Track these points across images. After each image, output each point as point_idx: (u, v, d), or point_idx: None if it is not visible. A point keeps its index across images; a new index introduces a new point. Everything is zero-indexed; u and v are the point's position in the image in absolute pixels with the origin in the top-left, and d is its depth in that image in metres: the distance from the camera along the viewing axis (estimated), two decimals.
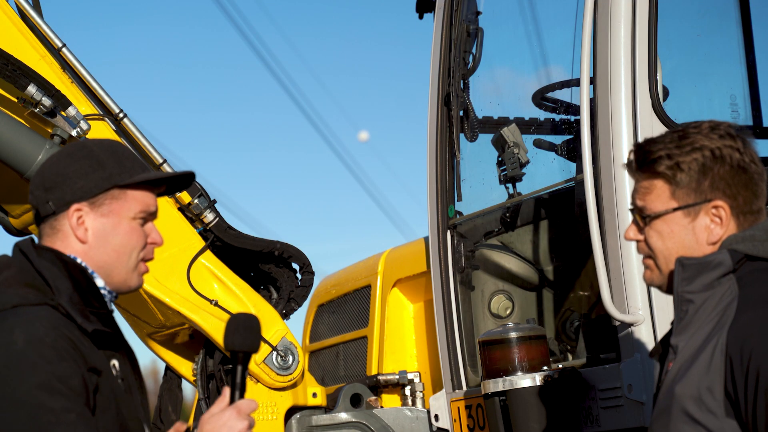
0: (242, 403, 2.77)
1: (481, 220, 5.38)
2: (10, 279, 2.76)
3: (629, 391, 4.36)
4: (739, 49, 5.78)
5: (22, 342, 2.61)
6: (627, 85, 4.46)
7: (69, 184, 2.79)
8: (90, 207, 2.81)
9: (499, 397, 4.63)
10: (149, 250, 2.90)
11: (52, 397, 2.58)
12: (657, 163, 2.82)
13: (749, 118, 5.74)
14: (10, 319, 2.66)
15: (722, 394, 2.64)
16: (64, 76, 5.04)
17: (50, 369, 2.60)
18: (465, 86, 5.35)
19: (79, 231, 2.81)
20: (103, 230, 2.82)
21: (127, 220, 2.83)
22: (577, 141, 4.63)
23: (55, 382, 2.60)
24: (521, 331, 4.64)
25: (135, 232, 2.85)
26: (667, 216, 2.82)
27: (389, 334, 5.88)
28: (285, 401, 5.26)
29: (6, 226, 5.46)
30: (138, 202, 2.85)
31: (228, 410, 2.76)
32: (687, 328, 2.77)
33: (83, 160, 2.81)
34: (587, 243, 4.43)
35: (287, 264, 5.50)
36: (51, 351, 2.62)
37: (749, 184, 2.80)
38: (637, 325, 4.34)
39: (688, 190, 2.80)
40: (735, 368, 2.62)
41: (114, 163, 2.82)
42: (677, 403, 2.70)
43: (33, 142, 4.76)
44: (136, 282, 2.90)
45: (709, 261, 2.75)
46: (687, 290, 2.77)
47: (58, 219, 2.82)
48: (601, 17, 4.52)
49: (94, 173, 2.80)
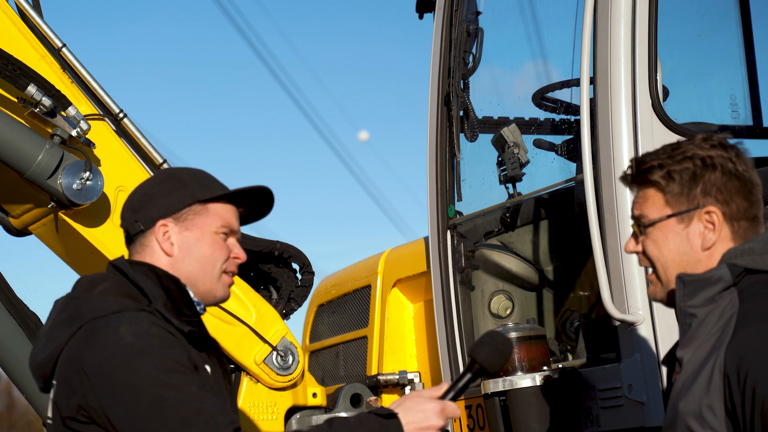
0: (450, 405, 2.87)
1: (481, 220, 5.38)
2: (107, 290, 2.94)
3: (629, 391, 4.36)
4: (739, 49, 5.78)
5: (130, 336, 2.79)
6: (627, 85, 4.46)
7: (154, 202, 3.03)
8: (174, 222, 3.02)
9: (499, 397, 4.63)
10: (232, 263, 3.08)
11: (171, 375, 2.75)
12: (650, 172, 2.90)
13: (749, 118, 5.74)
14: (114, 321, 2.83)
15: (723, 412, 2.67)
16: (64, 76, 5.04)
17: (162, 352, 2.78)
18: (465, 86, 5.35)
19: (165, 245, 3.01)
20: (188, 243, 3.03)
21: (209, 233, 3.04)
22: (577, 141, 4.63)
23: (170, 362, 2.77)
24: (521, 331, 4.64)
25: (217, 245, 3.05)
26: (662, 223, 2.88)
27: (389, 334, 5.88)
28: (285, 401, 5.26)
29: (6, 226, 5.46)
30: (219, 217, 3.05)
31: (435, 402, 2.85)
32: (692, 341, 2.80)
33: (166, 181, 3.06)
34: (587, 243, 4.43)
35: (287, 264, 5.50)
36: (158, 340, 2.80)
37: (742, 191, 2.85)
38: (637, 325, 4.34)
39: (681, 198, 2.86)
40: (732, 387, 2.65)
41: (195, 182, 3.05)
42: (680, 419, 2.74)
43: (33, 142, 4.75)
44: (222, 293, 3.08)
45: (709, 277, 2.80)
46: (689, 305, 2.81)
47: (146, 236, 3.03)
48: (601, 17, 4.52)
49: (177, 191, 3.03)
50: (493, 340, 2.94)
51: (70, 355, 2.84)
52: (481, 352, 2.91)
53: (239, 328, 5.13)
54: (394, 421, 2.80)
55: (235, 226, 3.09)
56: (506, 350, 2.94)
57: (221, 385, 3.00)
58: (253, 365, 5.14)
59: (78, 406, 2.79)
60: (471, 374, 2.90)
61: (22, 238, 5.48)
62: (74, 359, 2.83)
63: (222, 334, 5.11)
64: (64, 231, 5.04)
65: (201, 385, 2.79)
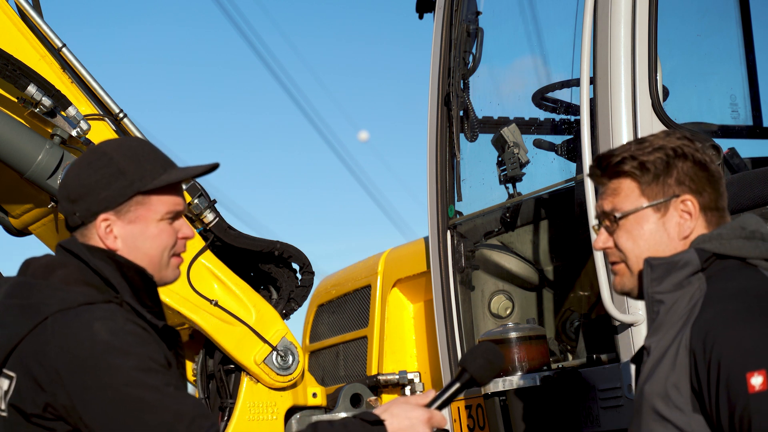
0: (437, 414, 2.81)
1: (481, 220, 5.38)
2: (68, 277, 2.80)
3: (629, 391, 4.36)
4: (739, 49, 5.78)
5: (105, 333, 2.67)
6: (627, 85, 4.46)
7: (93, 195, 2.84)
8: (116, 215, 2.85)
9: (499, 397, 4.63)
10: (181, 244, 2.94)
11: (149, 375, 2.66)
12: (622, 163, 2.89)
13: (749, 118, 5.75)
14: (84, 315, 2.71)
15: (688, 390, 2.67)
16: (64, 76, 5.04)
17: (140, 351, 2.68)
18: (465, 86, 5.34)
19: (108, 240, 2.85)
20: (132, 236, 2.86)
21: (154, 223, 2.87)
22: (577, 141, 4.63)
23: (148, 362, 2.67)
24: (521, 331, 4.64)
25: (164, 233, 2.89)
26: (638, 214, 2.87)
27: (389, 334, 5.88)
28: (285, 401, 5.26)
29: (6, 226, 5.46)
30: (163, 203, 2.88)
31: (422, 410, 2.79)
32: (659, 329, 2.79)
33: (103, 169, 2.85)
34: (587, 243, 4.43)
35: (287, 264, 5.50)
36: (134, 337, 2.70)
37: (711, 181, 2.87)
38: (637, 325, 4.34)
39: (656, 187, 2.86)
40: (698, 362, 2.65)
41: (134, 169, 2.85)
42: (647, 402, 2.73)
43: (33, 142, 4.76)
44: (172, 276, 2.96)
45: (677, 260, 2.79)
46: (657, 291, 2.81)
47: (88, 228, 2.86)
48: (601, 17, 4.52)
49: (116, 182, 2.83)
50: (486, 352, 2.90)
51: (36, 350, 2.70)
52: (472, 364, 2.87)
53: (239, 328, 5.13)
54: (379, 427, 2.74)
55: (180, 207, 2.92)
56: (498, 363, 2.90)
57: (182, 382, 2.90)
58: (253, 365, 5.14)
59: (46, 403, 2.67)
60: (460, 384, 2.85)
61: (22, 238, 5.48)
62: (41, 354, 2.69)
63: (222, 334, 5.11)
64: (64, 231, 5.04)
65: (177, 385, 2.71)
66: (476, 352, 2.90)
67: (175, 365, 2.83)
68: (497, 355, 2.91)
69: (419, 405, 2.79)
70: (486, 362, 2.88)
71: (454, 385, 2.86)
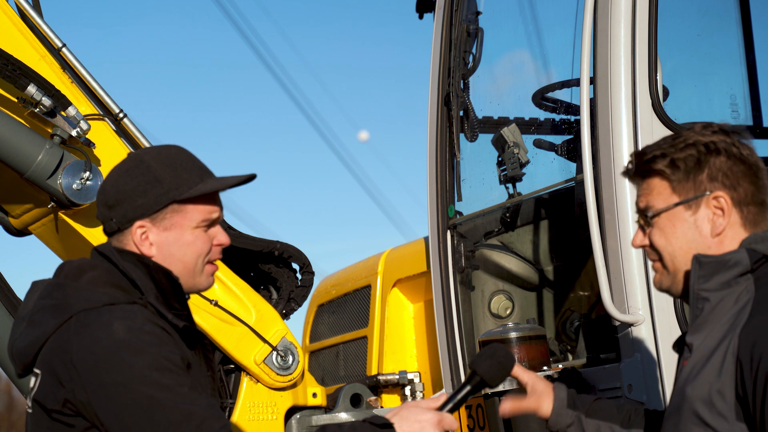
0: (447, 417, 2.83)
1: (481, 220, 5.38)
2: (96, 279, 2.87)
3: (629, 391, 4.36)
4: (739, 49, 5.78)
5: (123, 332, 2.73)
6: (627, 85, 4.46)
7: (129, 202, 2.90)
8: (152, 222, 2.91)
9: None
10: (215, 252, 3.00)
11: (163, 374, 2.70)
12: (653, 162, 2.87)
13: (749, 118, 5.74)
14: (106, 315, 2.77)
15: (733, 398, 2.65)
16: (64, 76, 5.04)
17: (155, 350, 2.72)
18: (465, 86, 5.35)
19: (143, 246, 2.92)
20: (167, 243, 2.92)
21: (189, 230, 2.94)
22: (577, 141, 4.63)
23: (163, 361, 2.71)
24: (521, 331, 4.64)
25: (199, 240, 2.95)
26: (669, 212, 2.85)
27: (389, 334, 5.88)
28: (285, 401, 5.26)
29: (6, 226, 5.46)
30: (199, 212, 2.94)
31: (432, 413, 2.81)
32: (703, 326, 2.77)
33: (141, 176, 2.91)
34: (587, 243, 4.43)
35: (287, 264, 5.50)
36: (151, 337, 2.74)
37: (748, 175, 2.83)
38: (637, 325, 4.34)
39: (687, 185, 2.83)
40: (745, 371, 2.63)
41: (170, 177, 2.91)
42: (688, 404, 2.71)
43: (33, 142, 4.76)
44: (206, 283, 3.01)
45: (727, 259, 2.77)
46: (703, 288, 2.78)
47: (124, 234, 2.93)
48: (601, 17, 4.52)
49: (153, 189, 2.89)
50: (496, 353, 2.90)
51: (58, 347, 2.78)
52: (482, 365, 2.87)
53: (239, 328, 5.13)
54: (389, 430, 2.76)
55: (216, 215, 2.98)
56: (508, 365, 2.90)
57: (208, 382, 2.95)
58: (253, 365, 5.14)
59: (65, 399, 2.74)
60: (471, 387, 2.85)
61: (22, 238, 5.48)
62: (63, 351, 2.76)
63: (222, 334, 5.11)
64: (64, 231, 5.04)
65: (193, 386, 2.74)
66: (486, 353, 2.90)
67: (197, 366, 2.88)
68: (508, 356, 2.91)
69: (430, 408, 2.81)
70: (496, 363, 2.88)
71: (465, 387, 2.86)
